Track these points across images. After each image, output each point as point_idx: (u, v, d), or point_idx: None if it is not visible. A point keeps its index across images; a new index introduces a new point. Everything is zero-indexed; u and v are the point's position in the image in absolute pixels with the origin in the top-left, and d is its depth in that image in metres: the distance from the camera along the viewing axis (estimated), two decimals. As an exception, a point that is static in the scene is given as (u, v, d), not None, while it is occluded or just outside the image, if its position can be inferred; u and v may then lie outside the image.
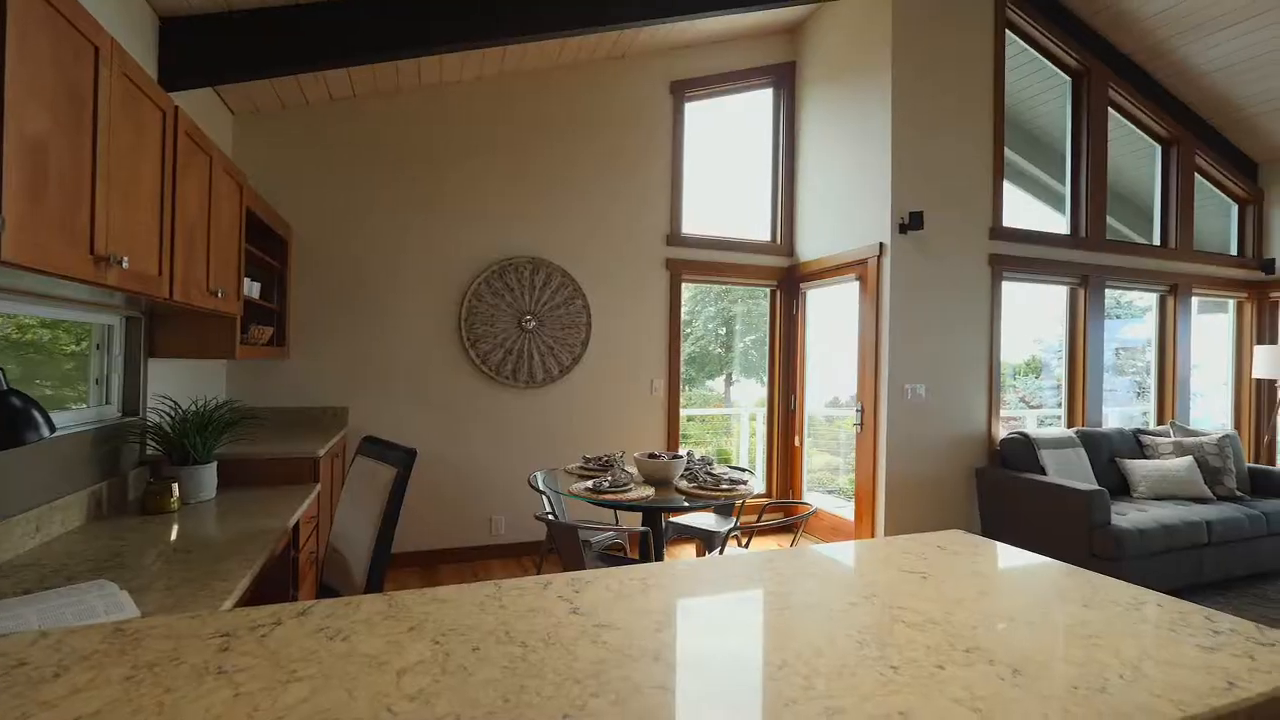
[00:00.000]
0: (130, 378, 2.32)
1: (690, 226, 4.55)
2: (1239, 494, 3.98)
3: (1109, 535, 3.28)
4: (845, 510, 4.32)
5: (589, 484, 2.71)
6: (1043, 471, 3.79)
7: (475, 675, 0.84)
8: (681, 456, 2.96)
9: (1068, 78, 4.65)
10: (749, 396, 5.46)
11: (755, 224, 4.88)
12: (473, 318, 3.88)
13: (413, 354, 3.85)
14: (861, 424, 4.00)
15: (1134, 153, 5.15)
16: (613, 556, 3.07)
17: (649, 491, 2.71)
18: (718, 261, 4.58)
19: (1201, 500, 3.86)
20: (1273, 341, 5.22)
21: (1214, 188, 5.26)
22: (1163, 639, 0.99)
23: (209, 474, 2.23)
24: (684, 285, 4.52)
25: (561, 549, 2.43)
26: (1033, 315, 4.89)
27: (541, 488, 2.93)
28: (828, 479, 4.98)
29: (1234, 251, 5.32)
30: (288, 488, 2.50)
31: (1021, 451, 3.88)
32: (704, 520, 3.37)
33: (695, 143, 4.63)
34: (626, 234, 4.32)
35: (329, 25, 2.61)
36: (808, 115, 4.67)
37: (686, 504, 2.65)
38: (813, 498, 4.85)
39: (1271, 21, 4.01)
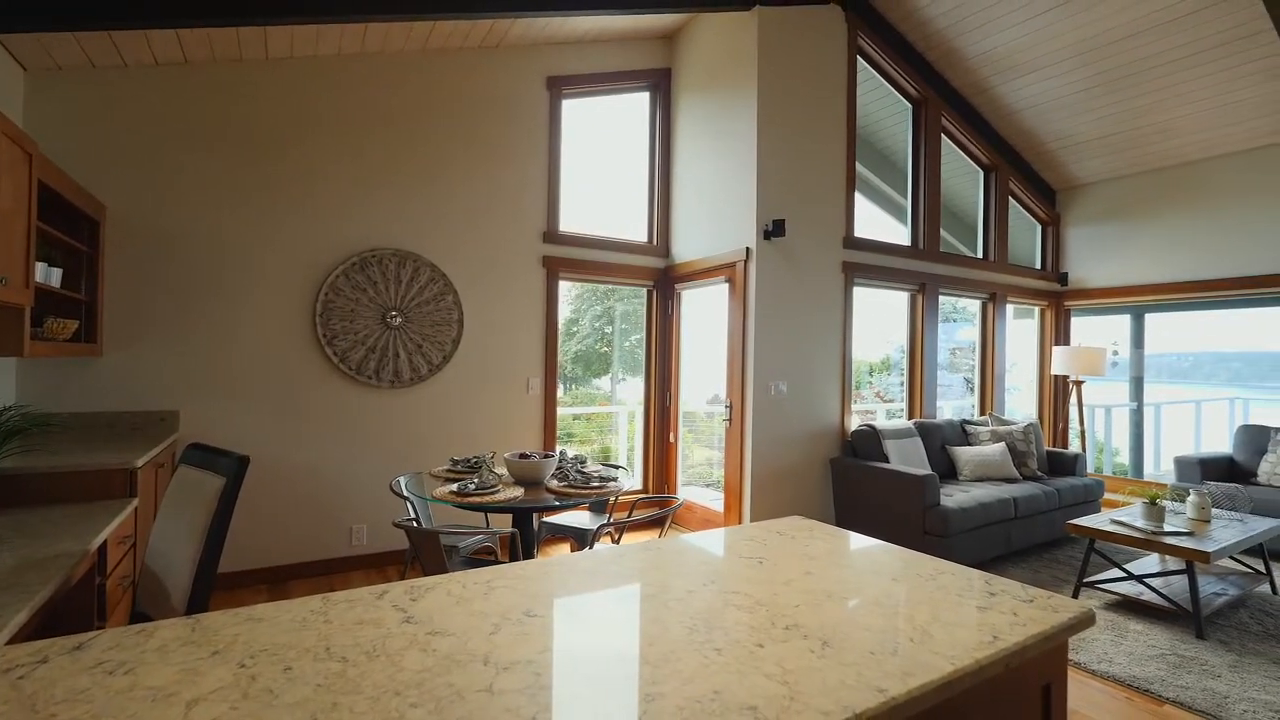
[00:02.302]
0: None
1: (568, 225, 4.54)
2: (1039, 474, 4.65)
3: (938, 514, 3.69)
4: (719, 503, 4.52)
5: (454, 487, 2.62)
6: (886, 460, 4.19)
7: (282, 697, 0.78)
8: (553, 456, 2.94)
9: (909, 104, 5.18)
10: (634, 395, 5.55)
11: (633, 224, 4.97)
12: (329, 312, 3.61)
13: (259, 351, 3.51)
14: (730, 420, 4.20)
15: (964, 175, 5.84)
16: (482, 560, 2.98)
17: (518, 492, 2.67)
18: (596, 260, 4.60)
19: (1011, 480, 4.46)
20: (1066, 343, 6.14)
21: (1024, 210, 6.09)
22: (950, 604, 1.13)
23: (-16, 492, 1.89)
24: (564, 283, 4.51)
25: (422, 556, 2.32)
26: (888, 318, 5.39)
27: (405, 493, 2.79)
28: (708, 473, 5.18)
29: (1038, 266, 6.19)
30: (97, 504, 2.18)
31: (869, 442, 4.26)
32: (579, 518, 3.37)
33: (573, 141, 4.62)
34: (502, 229, 4.22)
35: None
36: (682, 121, 4.82)
37: (556, 503, 2.63)
38: (693, 491, 5.02)
39: (1065, 71, 4.71)
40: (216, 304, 3.42)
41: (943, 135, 5.32)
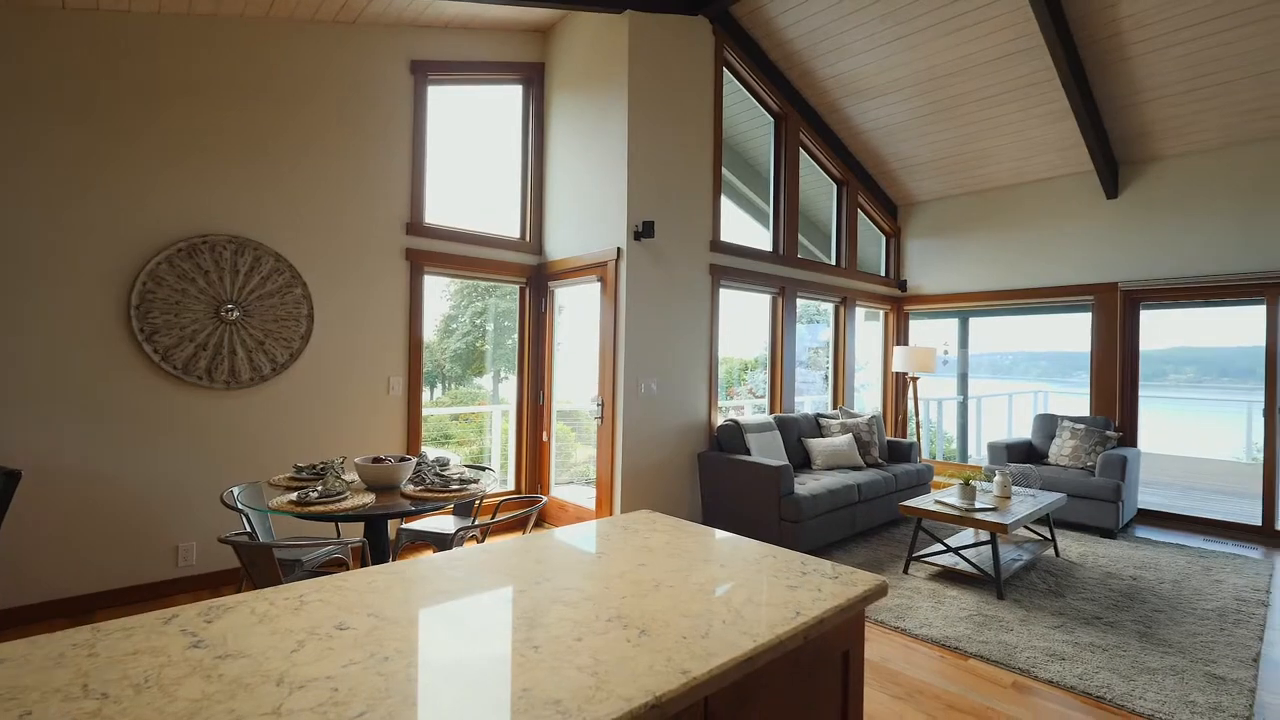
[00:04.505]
0: None
1: (435, 217, 4.35)
2: (880, 461, 5.14)
3: (792, 502, 3.97)
4: (594, 500, 4.54)
5: (293, 496, 2.42)
6: (748, 452, 4.43)
7: (11, 748, 0.68)
8: (410, 459, 2.81)
9: (771, 118, 5.51)
10: (514, 393, 5.44)
11: (505, 220, 4.86)
12: (148, 304, 3.19)
13: (53, 348, 3.02)
14: (602, 418, 4.24)
15: (821, 186, 6.31)
16: (331, 573, 2.78)
17: (369, 499, 2.52)
18: (465, 255, 4.45)
19: (857, 468, 4.89)
20: (905, 343, 6.84)
21: (871, 222, 6.70)
22: (766, 585, 1.22)
23: None
24: (443, 279, 4.30)
25: (254, 574, 2.12)
26: (760, 318, 5.67)
27: (238, 505, 2.53)
28: (589, 471, 5.17)
29: (883, 273, 6.85)
30: None
31: (732, 436, 4.48)
32: (443, 523, 3.25)
33: (441, 130, 4.43)
34: (359, 219, 3.95)
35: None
36: (555, 118, 4.79)
37: (412, 508, 2.51)
38: (571, 490, 5.00)
39: (904, 99, 5.24)
40: (-4, 292, 2.90)
41: (801, 149, 5.71)
